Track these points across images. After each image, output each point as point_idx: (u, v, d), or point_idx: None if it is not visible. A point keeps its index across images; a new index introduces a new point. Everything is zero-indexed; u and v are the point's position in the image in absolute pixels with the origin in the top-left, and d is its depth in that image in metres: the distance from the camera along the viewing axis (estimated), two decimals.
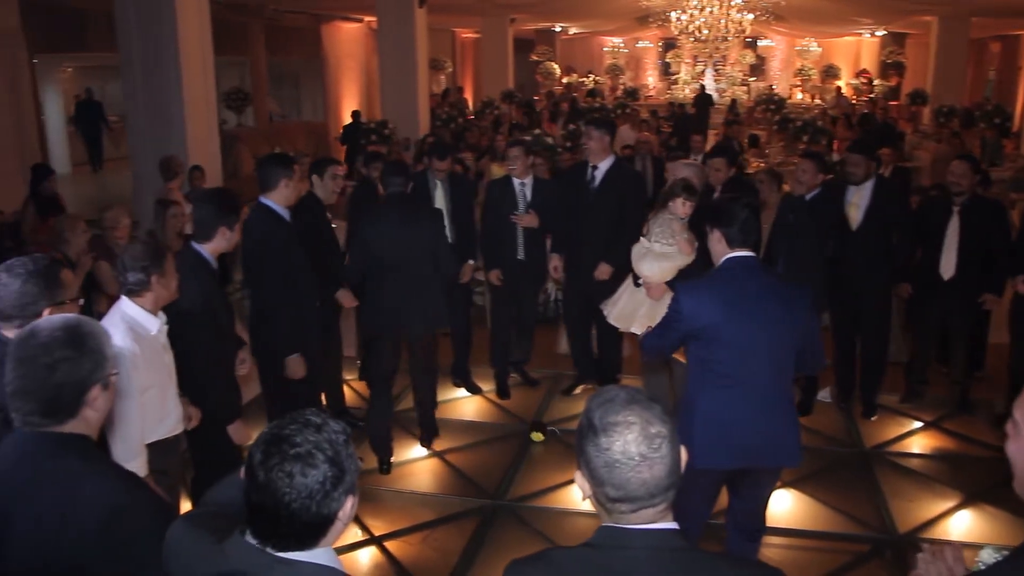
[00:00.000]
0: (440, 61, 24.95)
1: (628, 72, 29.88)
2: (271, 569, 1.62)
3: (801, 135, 13.99)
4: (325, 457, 1.61)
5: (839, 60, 27.70)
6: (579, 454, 1.74)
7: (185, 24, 8.78)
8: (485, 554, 4.52)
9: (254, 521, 1.64)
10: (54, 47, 14.18)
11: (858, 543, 4.66)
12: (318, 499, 1.60)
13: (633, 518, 1.70)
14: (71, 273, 2.92)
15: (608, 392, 1.74)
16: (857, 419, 6.08)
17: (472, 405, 6.45)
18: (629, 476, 1.65)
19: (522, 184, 6.24)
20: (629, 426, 1.66)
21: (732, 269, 3.46)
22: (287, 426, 1.63)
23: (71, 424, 2.05)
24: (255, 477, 1.60)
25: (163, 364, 3.55)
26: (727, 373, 3.41)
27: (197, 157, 8.80)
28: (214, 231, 3.95)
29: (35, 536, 1.97)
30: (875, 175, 6.01)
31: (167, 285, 3.47)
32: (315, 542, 1.65)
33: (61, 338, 2.03)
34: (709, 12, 18.30)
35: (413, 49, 14.38)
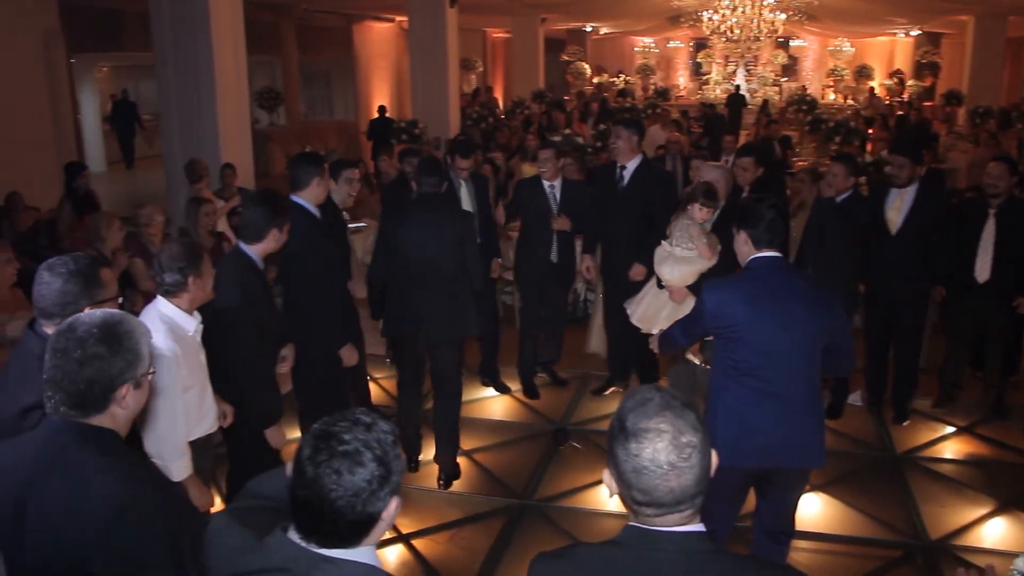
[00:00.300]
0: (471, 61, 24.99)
1: (659, 72, 29.78)
2: (314, 566, 1.62)
3: (833, 136, 13.86)
4: (373, 456, 1.61)
5: (872, 60, 27.42)
6: (609, 454, 1.73)
7: (218, 24, 8.85)
8: (512, 554, 4.52)
9: (299, 517, 1.64)
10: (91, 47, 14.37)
11: (889, 548, 4.61)
12: (364, 498, 1.60)
13: (658, 521, 1.70)
14: (111, 272, 2.93)
15: (642, 394, 1.73)
16: (888, 423, 6.01)
17: (500, 405, 6.45)
18: (656, 483, 1.65)
19: (552, 186, 6.26)
20: (660, 434, 1.65)
21: (758, 269, 3.45)
22: (337, 423, 1.63)
23: (98, 418, 2.07)
24: (303, 472, 1.60)
25: (200, 364, 3.58)
26: (751, 372, 3.41)
27: (229, 156, 8.88)
28: (265, 232, 3.95)
29: (45, 523, 1.99)
30: (918, 179, 5.85)
31: (203, 286, 3.49)
32: (358, 540, 1.65)
33: (96, 334, 2.04)
34: (741, 12, 18.19)
35: (444, 49, 14.42)
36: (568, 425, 6.01)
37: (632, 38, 30.21)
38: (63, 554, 1.98)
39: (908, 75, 24.77)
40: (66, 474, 2.00)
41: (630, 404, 1.71)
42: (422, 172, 5.24)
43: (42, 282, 2.72)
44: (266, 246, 3.99)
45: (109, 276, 2.89)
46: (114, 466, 2.02)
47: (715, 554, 1.73)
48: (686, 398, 1.72)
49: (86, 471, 2.00)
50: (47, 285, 2.71)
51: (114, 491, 1.97)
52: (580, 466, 5.44)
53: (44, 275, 2.73)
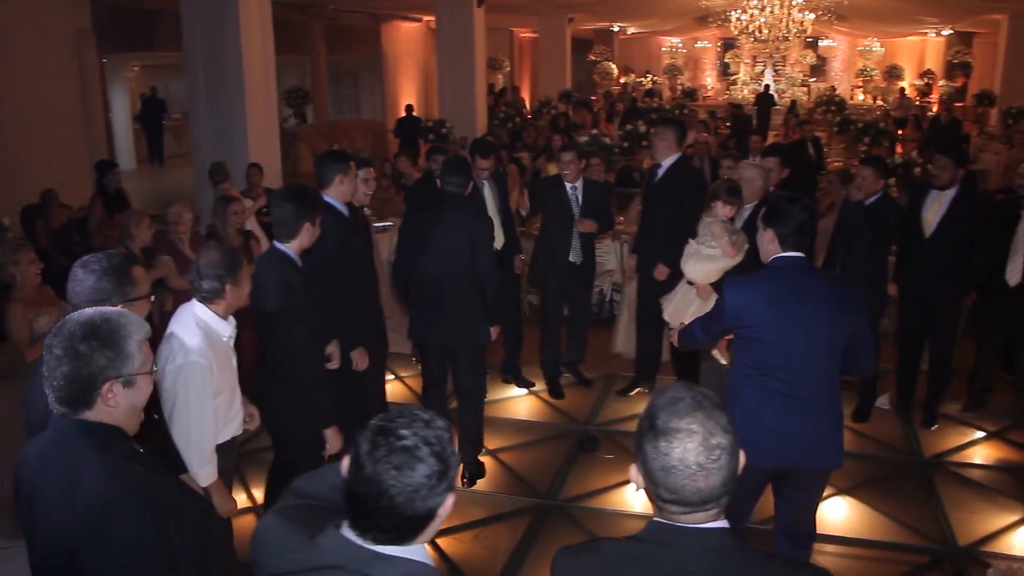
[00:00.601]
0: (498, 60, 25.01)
1: (686, 72, 29.68)
2: (368, 564, 1.62)
3: (862, 137, 13.76)
4: (432, 451, 1.60)
5: (903, 60, 27.16)
6: (637, 449, 1.73)
7: (247, 24, 8.92)
8: (536, 553, 4.52)
9: (356, 513, 1.64)
10: (123, 47, 14.52)
11: (916, 554, 4.56)
12: (423, 493, 1.59)
13: (683, 518, 1.71)
14: (144, 271, 2.96)
15: (674, 392, 1.72)
16: (917, 427, 5.96)
17: (525, 404, 6.45)
18: (684, 483, 1.65)
19: (573, 188, 6.27)
20: (691, 434, 1.65)
21: (781, 269, 3.43)
22: (395, 419, 1.63)
23: (90, 414, 2.08)
24: (361, 468, 1.60)
25: (232, 368, 3.59)
26: (769, 373, 3.40)
27: (257, 154, 8.95)
28: (298, 228, 3.92)
29: (48, 515, 2.04)
30: (960, 182, 5.69)
31: (240, 294, 3.49)
32: (414, 537, 1.65)
33: (78, 333, 2.05)
34: (770, 12, 18.06)
35: (471, 48, 14.45)
36: (593, 426, 6.00)
37: (659, 38, 30.12)
38: (60, 545, 2.01)
39: (939, 75, 24.52)
40: (63, 469, 2.04)
41: (661, 402, 1.71)
42: (448, 171, 5.20)
43: (76, 279, 2.76)
44: (301, 242, 3.96)
45: (142, 274, 2.92)
46: (107, 462, 2.03)
47: (738, 551, 1.73)
48: (717, 398, 1.72)
49: (79, 467, 2.02)
50: (81, 282, 2.75)
51: (102, 487, 1.99)
52: (605, 467, 5.43)
53: (78, 272, 2.77)
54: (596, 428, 5.98)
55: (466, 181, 5.22)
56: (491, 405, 6.35)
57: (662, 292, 5.41)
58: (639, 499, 5.06)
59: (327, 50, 19.79)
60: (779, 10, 18.00)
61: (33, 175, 9.55)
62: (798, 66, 28.21)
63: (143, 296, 2.89)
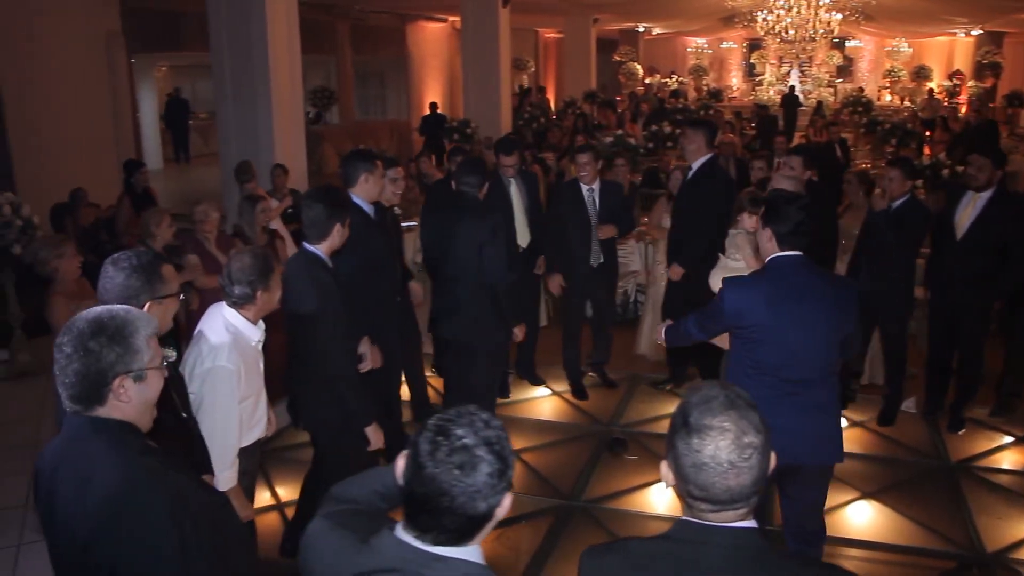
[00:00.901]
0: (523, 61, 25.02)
1: (711, 73, 29.55)
2: (427, 566, 1.62)
3: (889, 138, 13.64)
4: (491, 450, 1.61)
5: (931, 61, 26.89)
6: (668, 446, 1.73)
7: (273, 24, 8.97)
8: (558, 554, 4.51)
9: (415, 513, 1.63)
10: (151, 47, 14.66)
11: (943, 560, 4.52)
12: (484, 493, 1.59)
13: (712, 517, 1.71)
14: (173, 269, 2.98)
15: (708, 390, 1.72)
16: (943, 432, 5.90)
17: (549, 405, 6.45)
18: (714, 481, 1.65)
19: (590, 189, 6.23)
20: (723, 432, 1.65)
21: (779, 268, 3.46)
22: (454, 419, 1.63)
23: (103, 410, 2.10)
24: (421, 468, 1.59)
25: (259, 373, 3.59)
26: (770, 371, 3.43)
27: (283, 154, 9.00)
28: (329, 229, 3.91)
29: (64, 510, 2.06)
30: (996, 184, 5.59)
31: (271, 299, 3.48)
32: (472, 538, 1.65)
33: (87, 330, 2.07)
34: (796, 12, 17.94)
35: (496, 49, 14.46)
36: (617, 427, 5.99)
37: (685, 39, 30.02)
38: (74, 540, 2.04)
39: (968, 76, 24.25)
40: (76, 465, 2.07)
41: (695, 399, 1.71)
42: (461, 171, 5.21)
43: (106, 276, 2.79)
44: (332, 243, 3.96)
45: (171, 273, 2.93)
46: (120, 458, 2.05)
47: (766, 551, 1.73)
48: (750, 398, 1.72)
49: (92, 463, 2.04)
50: (111, 279, 2.78)
51: (114, 482, 2.01)
52: (628, 468, 5.42)
53: (108, 269, 2.80)
54: (620, 429, 5.96)
55: (481, 182, 5.19)
56: (515, 405, 6.37)
57: (691, 293, 5.41)
58: (662, 500, 5.05)
59: (353, 50, 19.88)
60: (806, 10, 17.88)
61: (62, 174, 9.68)
62: (824, 67, 28.01)
63: (172, 294, 2.90)
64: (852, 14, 19.06)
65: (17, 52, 9.87)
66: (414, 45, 21.03)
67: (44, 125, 10.35)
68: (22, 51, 10.03)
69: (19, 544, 4.64)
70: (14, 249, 6.93)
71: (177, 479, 2.16)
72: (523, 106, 18.37)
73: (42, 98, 10.39)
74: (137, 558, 2.01)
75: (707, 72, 29.22)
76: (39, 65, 10.40)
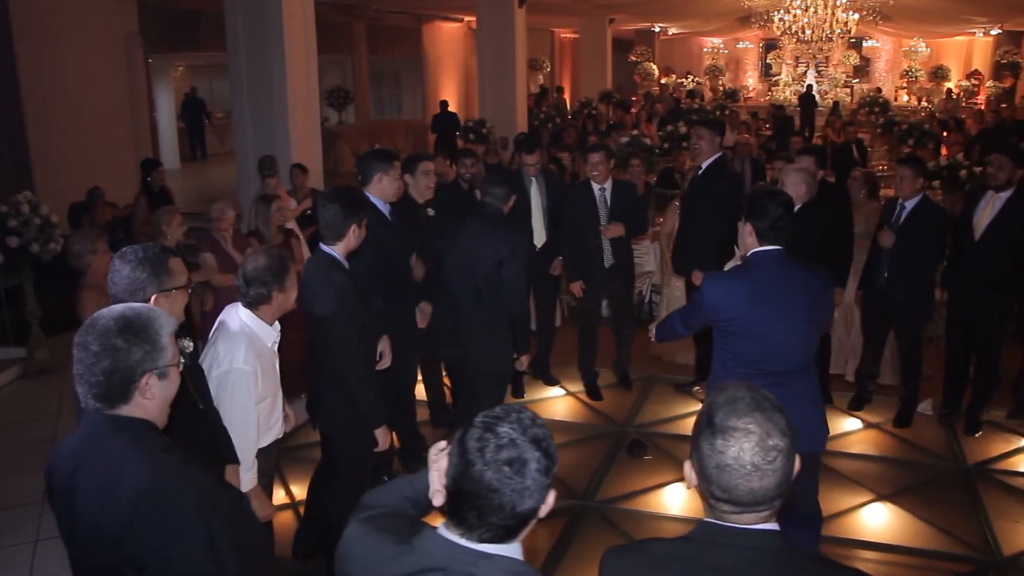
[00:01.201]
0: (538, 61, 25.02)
1: (728, 73, 29.47)
2: (473, 564, 1.63)
3: (906, 139, 13.56)
4: (539, 447, 1.62)
5: (949, 61, 26.72)
6: (693, 447, 1.73)
7: (290, 24, 9.01)
8: (572, 554, 4.51)
9: (462, 511, 1.64)
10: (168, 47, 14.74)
11: (959, 563, 4.49)
12: (532, 490, 1.61)
13: (734, 518, 1.70)
14: (181, 262, 2.99)
15: (734, 391, 1.72)
16: (960, 434, 5.86)
17: (564, 405, 6.45)
18: (738, 482, 1.65)
19: (602, 189, 6.19)
20: (748, 434, 1.65)
21: (759, 263, 3.51)
22: (501, 417, 1.64)
23: (126, 408, 2.12)
24: (470, 466, 1.60)
25: (275, 374, 3.60)
26: (751, 363, 3.50)
27: (299, 154, 9.04)
28: (345, 230, 3.89)
29: (87, 507, 2.07)
30: (1017, 184, 5.54)
31: (286, 299, 3.48)
32: (517, 535, 1.67)
33: (113, 327, 2.08)
34: (813, 12, 17.87)
35: (512, 49, 14.47)
36: (632, 428, 5.98)
37: (701, 39, 29.95)
38: (102, 536, 2.05)
39: (986, 76, 24.09)
40: (100, 462, 2.08)
41: (720, 400, 1.71)
42: (489, 182, 4.94)
43: (113, 269, 2.82)
44: (348, 244, 3.94)
45: (179, 266, 2.94)
46: (144, 455, 2.07)
47: (786, 553, 1.72)
48: (776, 401, 1.72)
49: (117, 460, 2.06)
50: (117, 272, 2.80)
51: (141, 479, 2.03)
52: (643, 469, 5.41)
53: (116, 263, 2.83)
54: (635, 430, 5.95)
55: (507, 195, 4.91)
56: (528, 406, 6.30)
57: None
58: (677, 501, 5.04)
59: (369, 50, 19.92)
60: (823, 10, 17.80)
61: (80, 173, 9.75)
62: (841, 67, 27.88)
63: (179, 287, 2.91)
64: (869, 14, 18.95)
65: (37, 52, 9.95)
66: (430, 45, 21.06)
67: (63, 124, 10.42)
68: (42, 51, 10.11)
69: (36, 540, 4.68)
70: (32, 248, 6.98)
71: (199, 475, 2.18)
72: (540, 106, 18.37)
73: (61, 98, 10.47)
74: (168, 552, 2.03)
75: (723, 72, 29.14)
76: (58, 65, 10.48)
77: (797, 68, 28.09)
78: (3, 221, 6.92)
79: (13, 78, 9.43)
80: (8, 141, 9.40)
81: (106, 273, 5.01)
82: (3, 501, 5.09)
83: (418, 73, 21.67)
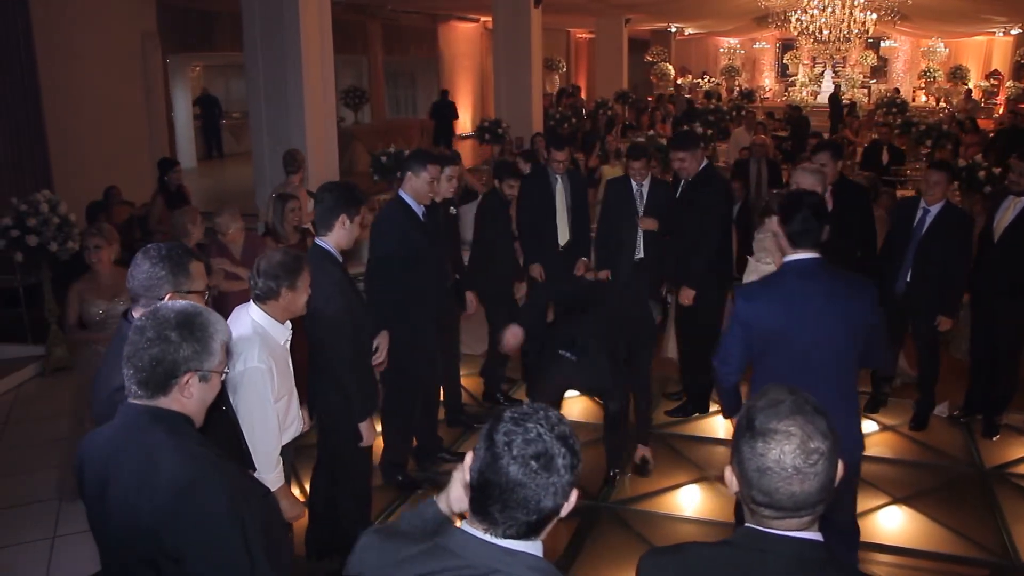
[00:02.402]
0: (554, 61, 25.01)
1: (744, 73, 29.38)
2: (499, 560, 1.63)
3: (924, 140, 13.48)
4: (565, 444, 1.63)
5: (968, 61, 26.54)
6: (733, 450, 1.72)
7: (306, 25, 9.04)
8: (586, 555, 4.51)
9: (486, 506, 1.64)
10: (186, 47, 14.81)
11: (975, 567, 4.46)
12: (558, 487, 1.61)
13: (776, 524, 1.68)
14: (202, 266, 2.96)
15: (775, 394, 1.70)
16: (977, 437, 5.82)
17: (578, 405, 6.44)
18: (778, 486, 1.63)
19: (640, 186, 6.26)
20: (789, 437, 1.63)
21: (791, 272, 3.40)
22: (529, 414, 1.64)
23: (165, 400, 2.15)
24: (498, 458, 1.61)
25: (289, 372, 3.61)
26: (787, 374, 3.33)
27: (315, 153, 9.07)
28: (333, 220, 3.94)
29: (124, 498, 2.09)
30: None
31: (295, 300, 3.48)
32: (540, 532, 1.67)
33: (172, 319, 2.13)
34: (831, 12, 17.79)
35: (528, 49, 14.47)
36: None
37: (717, 39, 29.89)
38: (139, 527, 2.07)
39: (1006, 76, 23.91)
40: (138, 453, 2.10)
41: (761, 403, 1.69)
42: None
43: (135, 264, 2.82)
44: (337, 237, 3.96)
45: (199, 269, 2.92)
46: (181, 447, 2.10)
47: (827, 563, 1.70)
48: (818, 403, 1.69)
49: (156, 451, 2.09)
50: (138, 267, 2.80)
51: (181, 470, 2.06)
52: (657, 470, 5.40)
53: (138, 258, 2.83)
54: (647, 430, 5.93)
55: None
56: None
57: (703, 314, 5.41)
58: (691, 503, 5.03)
59: (384, 50, 19.97)
60: (840, 10, 17.72)
61: (97, 172, 9.80)
62: (858, 67, 27.74)
63: (196, 291, 2.88)
64: (887, 14, 18.85)
65: (55, 52, 10.01)
66: (445, 45, 21.10)
67: (81, 124, 10.48)
68: (60, 51, 10.16)
69: (54, 536, 4.71)
70: (51, 246, 7.04)
71: (233, 471, 2.22)
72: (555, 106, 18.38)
73: (79, 97, 10.53)
74: (206, 545, 2.06)
75: (739, 73, 29.06)
76: (76, 65, 10.54)
77: (814, 69, 27.99)
78: (22, 220, 6.98)
79: (33, 79, 9.50)
80: (27, 140, 9.47)
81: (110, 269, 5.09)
82: (22, 498, 5.13)
83: (434, 73, 21.71)
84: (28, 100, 9.49)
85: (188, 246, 3.12)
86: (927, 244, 5.57)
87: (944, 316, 5.67)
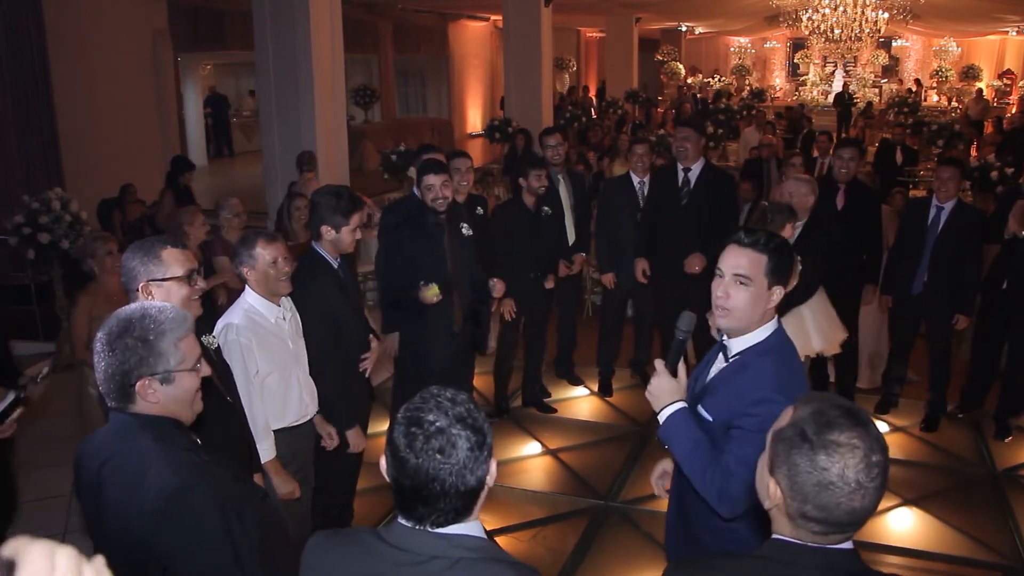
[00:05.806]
0: (565, 60, 24.99)
1: (754, 73, 29.29)
2: (435, 547, 1.64)
3: (936, 139, 13.41)
4: (465, 425, 1.62)
5: (980, 60, 26.37)
6: (779, 463, 1.61)
7: (317, 23, 9.04)
8: (594, 555, 4.50)
9: (409, 503, 1.65)
10: (196, 46, 14.82)
11: (986, 569, 4.45)
12: (470, 467, 1.62)
13: (820, 539, 1.61)
14: (180, 253, 2.81)
15: (821, 402, 1.61)
16: (989, 439, 5.79)
17: (587, 405, 6.44)
18: (840, 502, 1.54)
19: (641, 182, 6.24)
20: (853, 450, 1.54)
21: None
22: (421, 406, 1.65)
23: (139, 406, 2.12)
24: (404, 462, 1.61)
25: (285, 351, 3.63)
26: None
27: (325, 152, 9.07)
28: (318, 228, 3.94)
29: (116, 504, 2.09)
30: None
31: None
32: (469, 512, 1.67)
33: (114, 329, 2.08)
34: (842, 11, 17.71)
35: (538, 48, 14.43)
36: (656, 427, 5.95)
37: (727, 38, 29.79)
38: (129, 533, 2.06)
39: (1019, 75, 23.77)
40: (128, 461, 2.09)
41: (809, 411, 1.60)
42: None
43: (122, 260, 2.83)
44: (326, 244, 3.95)
45: (174, 256, 2.77)
46: (169, 454, 2.08)
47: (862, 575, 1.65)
48: (866, 413, 1.62)
49: (144, 458, 2.07)
50: (123, 263, 2.79)
51: (166, 477, 2.04)
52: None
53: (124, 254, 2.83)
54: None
55: None
56: (553, 405, 6.35)
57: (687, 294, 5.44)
58: None
59: (395, 49, 19.95)
60: (852, 9, 17.63)
61: (108, 170, 9.82)
62: (870, 67, 27.63)
63: (172, 278, 2.75)
64: (899, 13, 18.75)
65: (67, 50, 10.03)
66: (455, 44, 21.08)
67: (92, 122, 10.51)
68: (72, 50, 10.19)
69: (64, 532, 4.73)
70: (62, 244, 7.06)
71: (224, 478, 2.19)
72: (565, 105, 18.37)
73: (90, 95, 10.55)
74: (193, 552, 2.05)
75: (750, 72, 28.96)
76: (88, 63, 10.57)
77: (825, 68, 27.88)
78: (34, 218, 7.00)
79: (45, 77, 9.53)
80: (39, 138, 9.49)
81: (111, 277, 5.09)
82: (32, 494, 5.14)
83: (444, 72, 21.69)
84: (40, 98, 9.52)
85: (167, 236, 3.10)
86: (943, 242, 5.55)
87: (962, 315, 5.65)
